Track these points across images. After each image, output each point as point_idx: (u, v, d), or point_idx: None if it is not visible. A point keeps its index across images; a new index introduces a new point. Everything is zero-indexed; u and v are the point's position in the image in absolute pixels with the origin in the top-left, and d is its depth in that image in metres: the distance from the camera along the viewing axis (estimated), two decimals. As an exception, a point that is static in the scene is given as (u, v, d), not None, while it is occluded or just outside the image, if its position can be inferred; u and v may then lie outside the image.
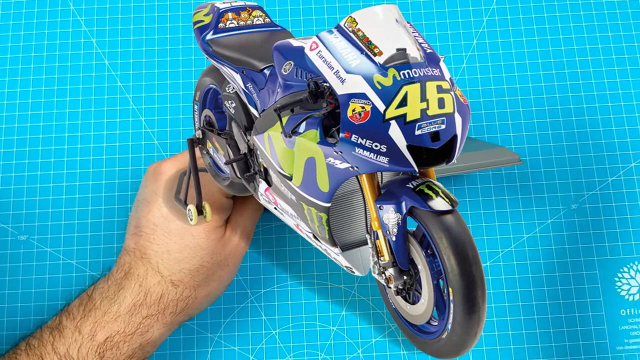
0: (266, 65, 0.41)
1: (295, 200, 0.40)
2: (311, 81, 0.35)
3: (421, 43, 0.36)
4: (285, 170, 0.39)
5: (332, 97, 0.35)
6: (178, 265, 0.47)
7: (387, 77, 0.34)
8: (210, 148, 0.48)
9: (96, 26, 0.62)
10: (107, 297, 0.46)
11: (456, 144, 0.35)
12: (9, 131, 0.59)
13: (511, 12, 0.62)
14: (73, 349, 0.44)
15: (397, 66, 0.34)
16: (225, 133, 0.46)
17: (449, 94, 0.35)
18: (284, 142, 0.38)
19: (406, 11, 0.62)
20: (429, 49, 0.36)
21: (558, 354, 0.54)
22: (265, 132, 0.40)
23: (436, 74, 0.35)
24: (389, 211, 0.37)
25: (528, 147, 0.58)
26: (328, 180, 0.37)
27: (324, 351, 0.54)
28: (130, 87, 0.60)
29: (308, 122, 0.36)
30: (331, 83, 0.34)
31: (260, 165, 0.43)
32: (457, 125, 0.35)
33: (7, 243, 0.56)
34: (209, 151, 0.49)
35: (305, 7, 0.62)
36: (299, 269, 0.56)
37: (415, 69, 0.34)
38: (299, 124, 0.36)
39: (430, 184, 0.37)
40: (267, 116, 0.40)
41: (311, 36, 0.37)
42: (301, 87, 0.37)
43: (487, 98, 0.60)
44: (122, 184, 0.58)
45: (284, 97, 0.38)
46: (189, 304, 0.48)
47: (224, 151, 0.45)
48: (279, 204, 0.42)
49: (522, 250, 0.56)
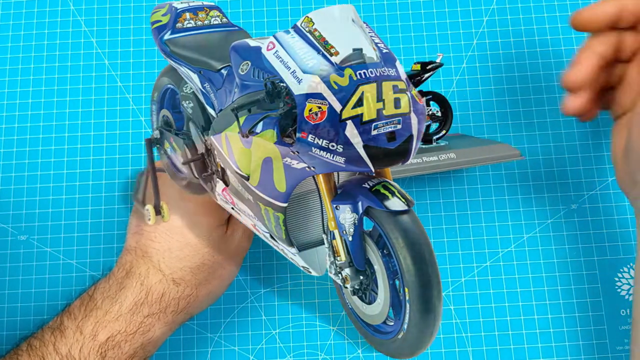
0: (223, 65, 0.41)
1: (253, 201, 0.40)
2: (268, 81, 0.34)
3: (377, 43, 0.36)
4: (243, 170, 0.39)
5: (289, 97, 0.34)
6: (179, 263, 0.47)
7: (344, 77, 0.34)
8: (168, 148, 0.48)
9: (96, 26, 0.62)
10: (108, 296, 0.46)
11: (412, 143, 0.35)
12: (9, 131, 0.59)
13: (511, 12, 0.62)
14: (75, 349, 0.44)
15: (354, 66, 0.34)
16: (183, 133, 0.46)
17: (405, 94, 0.34)
18: (241, 142, 0.38)
19: (406, 11, 0.62)
20: (385, 49, 0.36)
21: (558, 354, 0.54)
22: (222, 132, 0.40)
23: (392, 74, 0.34)
24: (345, 211, 0.37)
25: (528, 147, 0.58)
26: (285, 180, 0.37)
27: (324, 351, 0.54)
28: (130, 87, 0.60)
29: (265, 122, 0.35)
30: (288, 83, 0.34)
31: (218, 165, 0.42)
32: (413, 125, 0.35)
33: (7, 243, 0.56)
34: (166, 151, 0.49)
35: (269, 8, 0.62)
36: (299, 269, 0.56)
37: (372, 69, 0.34)
38: (255, 124, 0.36)
39: (386, 184, 0.37)
40: (224, 116, 0.40)
41: (269, 36, 0.37)
42: (258, 87, 0.37)
43: (487, 98, 0.60)
44: (122, 184, 0.58)
45: (241, 97, 0.38)
46: (190, 302, 0.48)
47: (181, 151, 0.45)
48: (236, 204, 0.42)
49: (522, 250, 0.56)
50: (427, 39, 0.61)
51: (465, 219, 0.57)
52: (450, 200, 0.57)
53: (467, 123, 0.59)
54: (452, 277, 0.55)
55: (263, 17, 0.62)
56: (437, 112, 0.51)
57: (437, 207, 0.57)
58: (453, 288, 0.55)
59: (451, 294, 0.55)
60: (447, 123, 0.51)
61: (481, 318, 0.54)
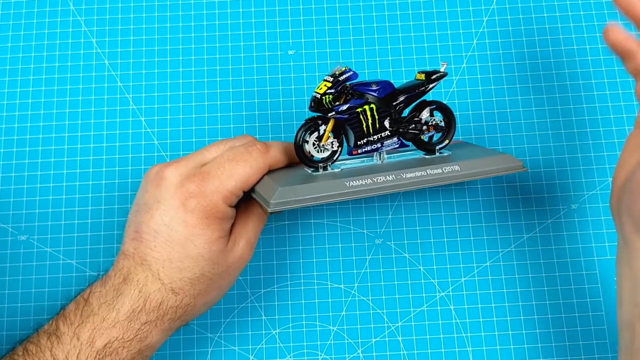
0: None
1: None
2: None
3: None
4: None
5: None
6: (179, 273, 0.47)
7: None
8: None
9: (96, 26, 0.62)
10: (105, 302, 0.46)
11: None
12: (9, 131, 0.59)
13: (511, 12, 0.62)
14: (72, 355, 0.44)
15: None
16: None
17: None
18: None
19: (406, 11, 0.62)
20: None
21: (558, 354, 0.54)
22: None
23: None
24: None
25: (528, 147, 0.58)
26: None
27: (324, 351, 0.54)
28: (130, 87, 0.60)
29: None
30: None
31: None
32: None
33: (7, 243, 0.56)
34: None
35: (269, 8, 0.62)
36: (299, 269, 0.56)
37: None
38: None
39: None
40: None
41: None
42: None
43: (487, 98, 0.60)
44: (122, 184, 0.58)
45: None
46: (188, 311, 0.48)
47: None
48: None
49: (522, 250, 0.56)
50: (427, 39, 0.61)
51: (465, 219, 0.57)
52: (450, 200, 0.57)
53: (467, 123, 0.59)
54: (452, 277, 0.55)
55: (263, 17, 0.62)
56: (440, 122, 0.51)
57: (437, 207, 0.57)
58: (453, 288, 0.55)
59: (451, 294, 0.55)
60: (450, 133, 0.51)
61: (481, 318, 0.54)
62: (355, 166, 0.49)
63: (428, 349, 0.54)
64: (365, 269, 0.56)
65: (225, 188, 0.46)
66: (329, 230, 0.57)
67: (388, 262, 0.56)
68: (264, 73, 0.60)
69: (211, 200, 0.46)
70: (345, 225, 0.57)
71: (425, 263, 0.56)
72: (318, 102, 0.46)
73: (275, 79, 0.60)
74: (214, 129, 0.59)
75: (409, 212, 0.57)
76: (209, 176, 0.47)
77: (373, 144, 0.49)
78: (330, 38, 0.61)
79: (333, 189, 0.45)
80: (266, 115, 0.59)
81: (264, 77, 0.60)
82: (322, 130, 0.48)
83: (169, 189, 0.47)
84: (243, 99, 0.60)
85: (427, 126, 0.50)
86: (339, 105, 0.47)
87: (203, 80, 0.60)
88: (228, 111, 0.59)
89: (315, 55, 0.61)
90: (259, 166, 0.48)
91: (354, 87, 0.48)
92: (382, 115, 0.48)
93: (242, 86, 0.60)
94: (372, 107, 0.48)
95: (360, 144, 0.48)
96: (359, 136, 0.48)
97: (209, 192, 0.46)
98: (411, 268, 0.56)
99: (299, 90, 0.60)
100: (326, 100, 0.46)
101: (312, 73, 0.60)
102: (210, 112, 0.59)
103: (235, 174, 0.47)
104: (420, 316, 0.55)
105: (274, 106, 0.59)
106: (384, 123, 0.49)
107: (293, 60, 0.61)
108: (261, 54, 0.61)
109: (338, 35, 0.61)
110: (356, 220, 0.57)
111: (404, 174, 0.47)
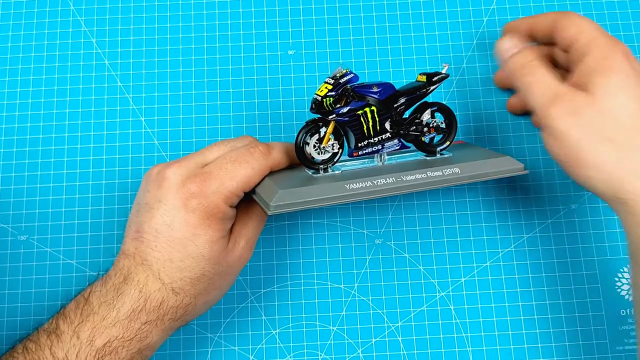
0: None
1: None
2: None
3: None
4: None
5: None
6: (180, 273, 0.47)
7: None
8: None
9: (96, 26, 0.62)
10: (105, 301, 0.46)
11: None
12: (9, 131, 0.59)
13: (511, 12, 0.62)
14: (71, 353, 0.44)
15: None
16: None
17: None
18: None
19: (406, 11, 0.62)
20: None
21: (558, 354, 0.54)
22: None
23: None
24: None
25: (528, 147, 0.58)
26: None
27: (324, 351, 0.54)
28: (130, 87, 0.60)
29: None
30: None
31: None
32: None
33: (7, 243, 0.56)
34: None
35: (269, 8, 0.62)
36: (299, 269, 0.56)
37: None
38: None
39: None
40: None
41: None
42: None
43: (487, 98, 0.60)
44: (122, 184, 0.58)
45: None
46: (188, 311, 0.48)
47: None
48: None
49: (522, 250, 0.56)
50: (427, 39, 0.61)
51: (465, 219, 0.57)
52: (450, 200, 0.57)
53: (467, 123, 0.59)
54: (452, 277, 0.55)
55: (263, 17, 0.62)
56: (441, 124, 0.51)
57: (437, 207, 0.57)
58: (453, 288, 0.55)
59: (451, 294, 0.55)
60: (451, 134, 0.51)
61: (481, 318, 0.54)
62: (355, 168, 0.49)
63: (428, 349, 0.54)
64: (365, 269, 0.56)
65: (226, 189, 0.46)
66: (329, 230, 0.57)
67: (388, 262, 0.56)
68: (264, 73, 0.60)
69: (212, 200, 0.46)
70: (345, 226, 0.57)
71: (425, 263, 0.56)
72: (319, 104, 0.46)
73: (275, 79, 0.60)
74: (214, 129, 0.59)
75: (409, 212, 0.57)
76: (211, 177, 0.47)
77: (374, 146, 0.49)
78: (330, 38, 0.61)
79: (333, 192, 0.45)
80: (266, 115, 0.59)
81: (264, 77, 0.60)
82: (323, 132, 0.48)
83: (170, 189, 0.47)
84: (243, 99, 0.60)
85: (428, 128, 0.50)
86: (340, 108, 0.47)
87: (203, 80, 0.60)
88: (228, 111, 0.59)
89: (315, 55, 0.61)
90: (261, 168, 0.48)
91: (355, 89, 0.47)
92: (383, 117, 0.48)
93: (242, 86, 0.60)
94: (372, 109, 0.48)
95: (361, 145, 0.49)
96: (360, 138, 0.48)
97: (210, 192, 0.46)
98: (411, 268, 0.56)
99: (299, 90, 0.60)
100: (327, 102, 0.46)
101: (312, 73, 0.60)
102: (210, 112, 0.60)
103: (236, 175, 0.47)
104: (420, 316, 0.55)
105: (274, 106, 0.59)
106: (384, 125, 0.49)
107: (293, 60, 0.61)
108: (261, 54, 0.61)
109: (338, 35, 0.61)
110: (356, 221, 0.57)
111: (404, 176, 0.47)
